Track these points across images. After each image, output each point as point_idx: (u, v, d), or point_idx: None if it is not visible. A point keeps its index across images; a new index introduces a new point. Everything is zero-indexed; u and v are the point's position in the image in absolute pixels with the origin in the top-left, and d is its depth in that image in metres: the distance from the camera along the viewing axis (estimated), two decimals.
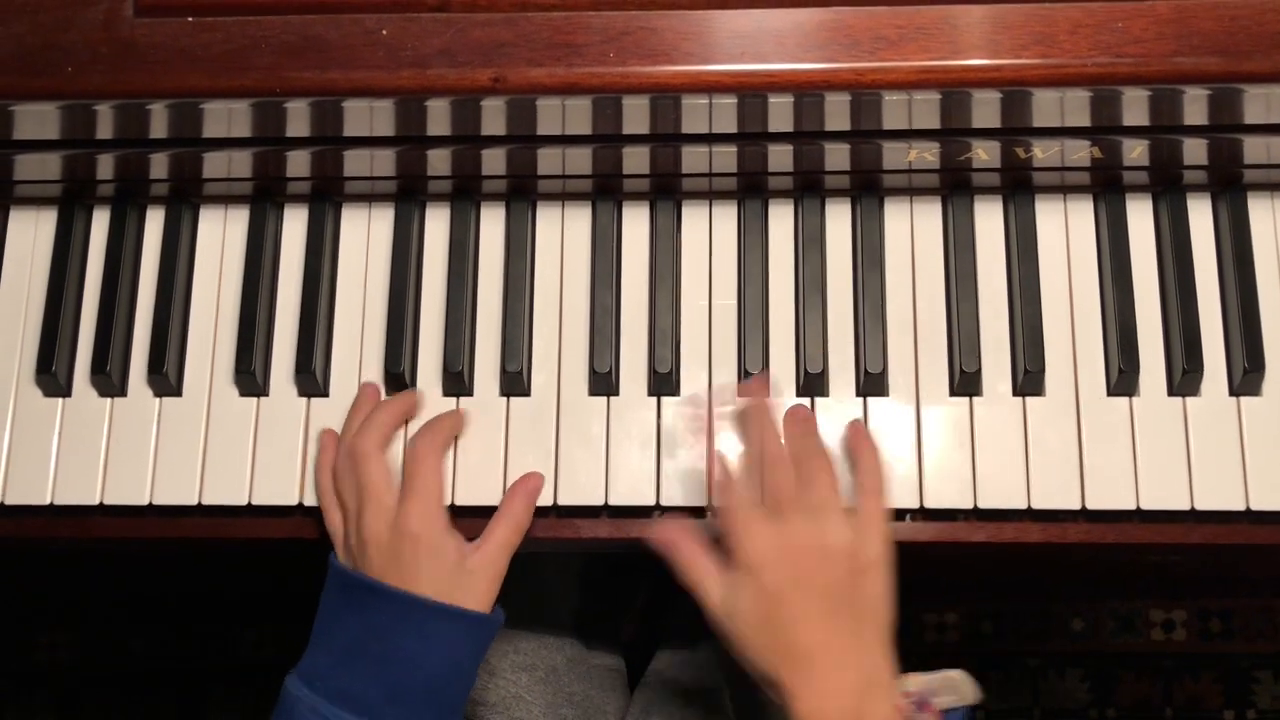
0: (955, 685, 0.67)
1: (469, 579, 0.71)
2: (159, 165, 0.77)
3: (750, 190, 0.79)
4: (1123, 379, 0.74)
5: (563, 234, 0.80)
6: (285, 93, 0.65)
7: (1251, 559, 1.37)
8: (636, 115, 0.70)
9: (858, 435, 0.74)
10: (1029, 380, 0.75)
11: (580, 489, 0.75)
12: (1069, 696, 1.48)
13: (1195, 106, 0.67)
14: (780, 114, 0.69)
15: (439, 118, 0.71)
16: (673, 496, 0.75)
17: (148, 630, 1.51)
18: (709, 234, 0.79)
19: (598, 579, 1.03)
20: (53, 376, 0.78)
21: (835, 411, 0.76)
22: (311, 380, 0.77)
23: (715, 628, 0.68)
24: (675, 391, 0.77)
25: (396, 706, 0.68)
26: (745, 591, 0.66)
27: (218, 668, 1.47)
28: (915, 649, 1.49)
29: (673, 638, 1.01)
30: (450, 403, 0.77)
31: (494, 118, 0.70)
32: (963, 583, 1.50)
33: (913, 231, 0.78)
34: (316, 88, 0.65)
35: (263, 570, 1.46)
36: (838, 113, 0.69)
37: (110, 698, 1.52)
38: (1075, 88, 0.64)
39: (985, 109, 0.68)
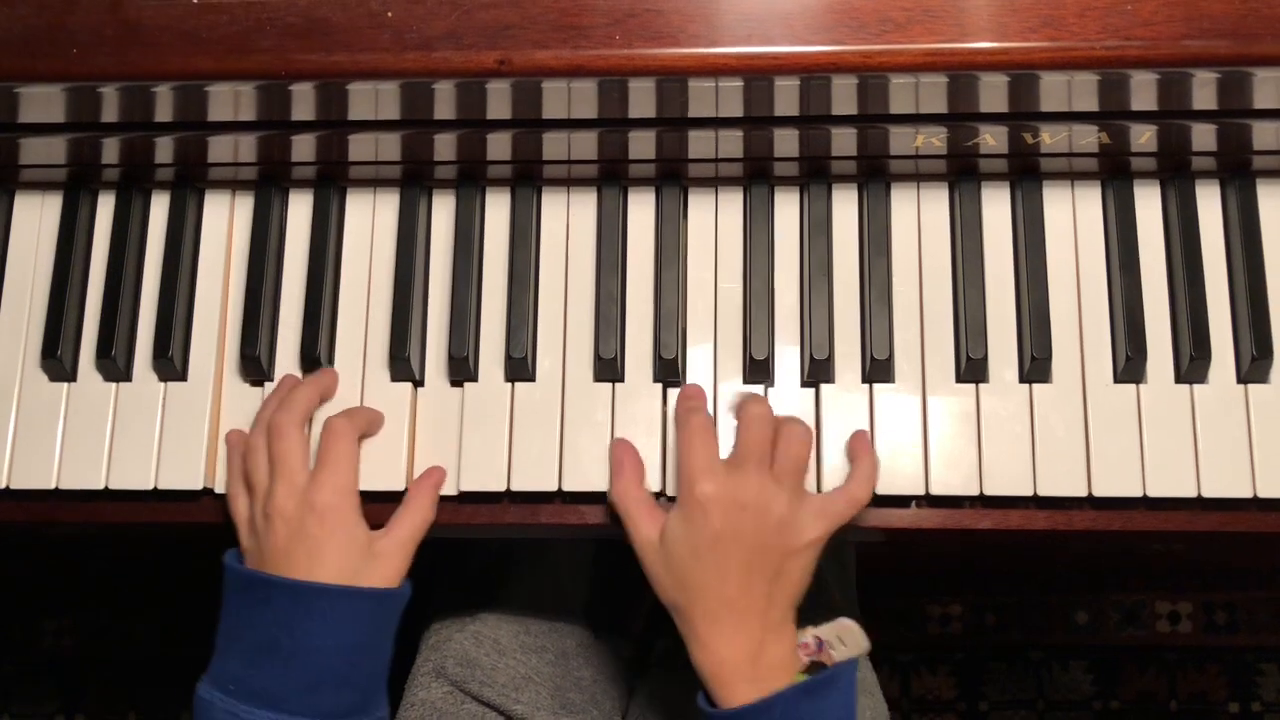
0: (850, 634, 0.70)
1: (374, 562, 0.71)
2: (164, 149, 0.77)
3: (756, 176, 0.78)
4: (1129, 366, 0.74)
5: (568, 220, 0.80)
6: (290, 75, 0.65)
7: (1257, 547, 1.37)
8: (642, 98, 0.69)
9: (863, 444, 0.74)
10: (1035, 367, 0.74)
11: (585, 475, 0.75)
12: (1073, 689, 1.48)
13: (1204, 91, 0.66)
14: (786, 97, 0.69)
15: (444, 101, 0.70)
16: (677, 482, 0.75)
17: (152, 619, 1.52)
18: (715, 220, 0.79)
19: (610, 567, 1.03)
20: (58, 361, 0.78)
21: (841, 398, 0.76)
22: (316, 365, 0.77)
23: (638, 555, 0.71)
24: (680, 378, 0.77)
25: (313, 695, 0.69)
26: (684, 527, 0.68)
27: None
28: (919, 641, 1.49)
29: (673, 630, 1.01)
30: (456, 389, 0.77)
31: (499, 101, 0.70)
32: (967, 575, 1.49)
33: (919, 217, 0.78)
34: (321, 70, 0.65)
35: None
36: (844, 96, 0.68)
37: (115, 686, 1.52)
38: (1083, 71, 0.64)
39: (993, 93, 0.68)
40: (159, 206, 0.81)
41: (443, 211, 0.80)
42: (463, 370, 0.77)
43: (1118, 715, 1.48)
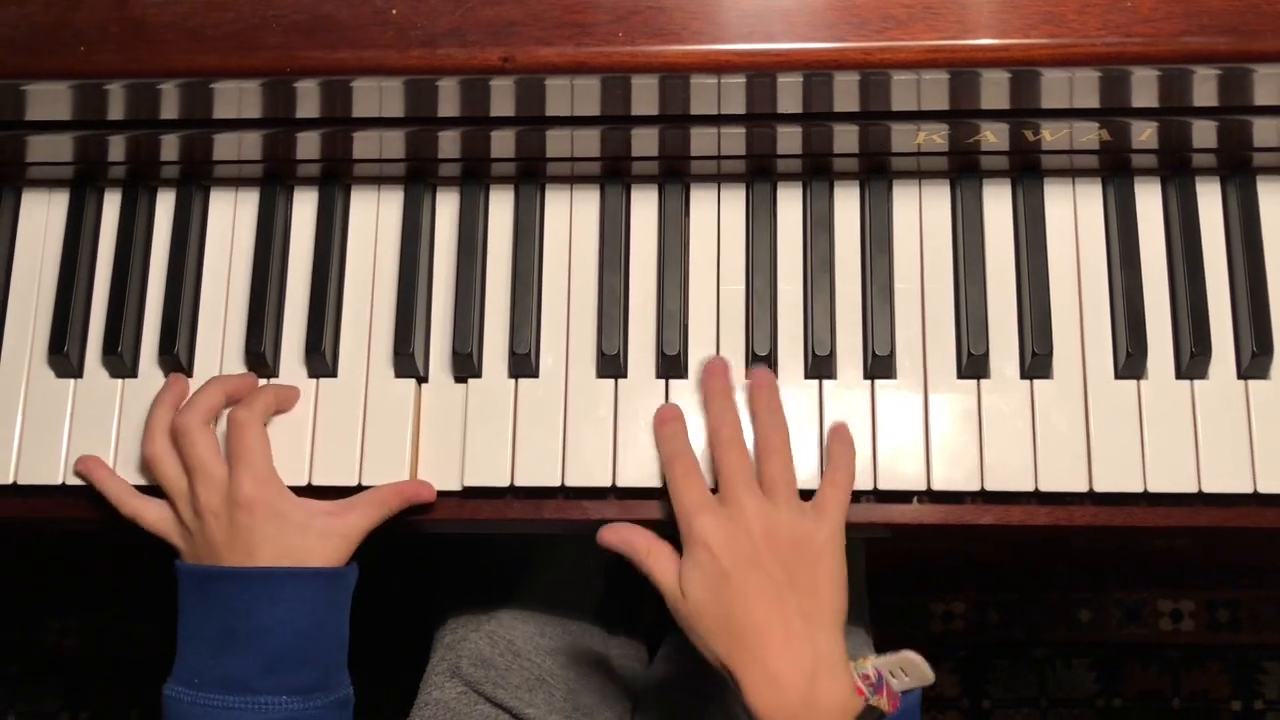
0: (912, 666, 0.67)
1: (315, 541, 0.71)
2: (169, 147, 0.78)
3: (759, 173, 0.79)
4: (1130, 362, 0.74)
5: (571, 217, 0.80)
6: (296, 72, 0.65)
7: (1259, 544, 1.37)
8: (645, 95, 0.70)
9: (837, 431, 0.74)
10: (1036, 363, 0.75)
11: (588, 470, 0.75)
12: (1076, 686, 1.48)
13: (1205, 87, 0.67)
14: (789, 94, 0.69)
15: (448, 98, 0.71)
16: None
17: (155, 619, 1.52)
18: (717, 217, 0.79)
19: (622, 568, 1.04)
20: (65, 358, 0.78)
21: (842, 394, 0.76)
22: (321, 361, 0.78)
23: (672, 612, 0.68)
24: (683, 374, 0.77)
25: (273, 675, 0.69)
26: (696, 572, 0.67)
27: None
28: (922, 638, 1.50)
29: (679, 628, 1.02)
30: (460, 385, 0.77)
31: (503, 98, 0.71)
32: (970, 572, 1.50)
33: (921, 214, 0.79)
34: (327, 67, 0.66)
35: None
36: (846, 93, 0.69)
37: (119, 686, 1.52)
38: (1084, 68, 0.64)
39: (994, 90, 0.68)
40: (164, 204, 0.82)
41: (447, 208, 0.81)
42: (466, 366, 0.77)
43: (1120, 713, 1.48)
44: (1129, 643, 1.49)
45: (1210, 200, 0.77)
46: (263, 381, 0.78)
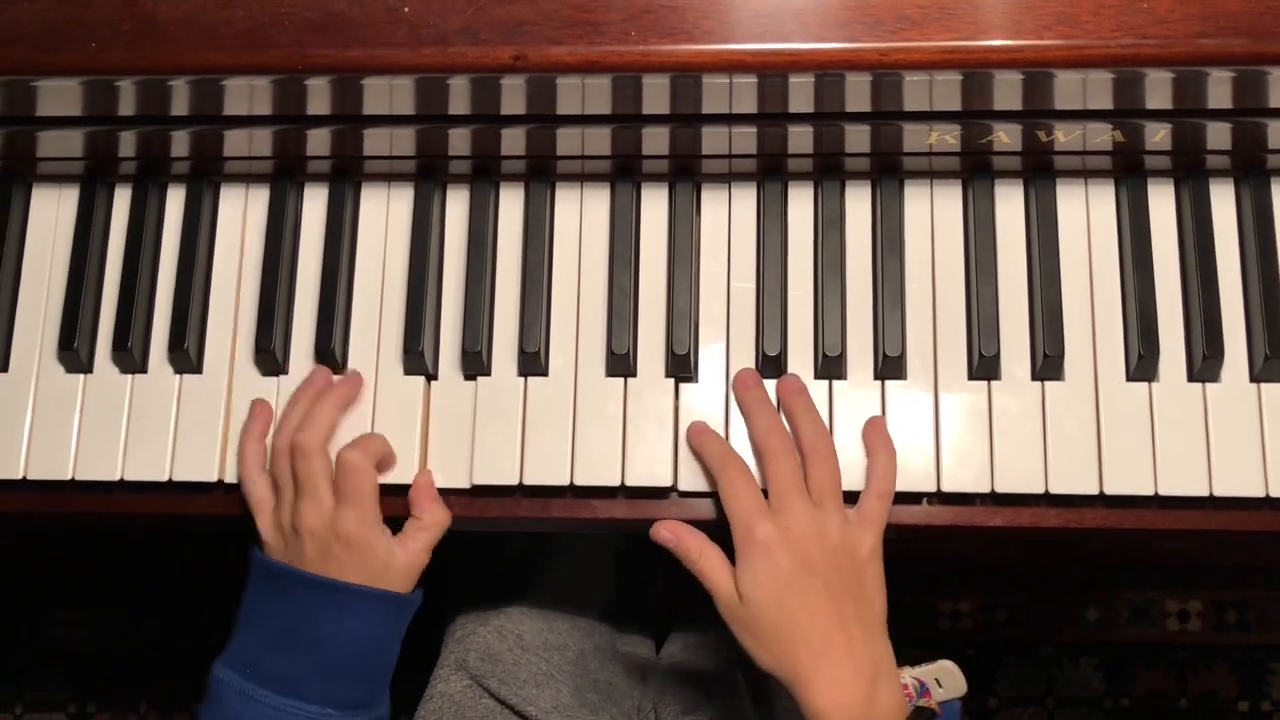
0: (948, 676, 0.70)
1: (393, 573, 0.73)
2: (180, 143, 0.78)
3: (770, 172, 0.78)
4: (1142, 364, 0.74)
5: (581, 215, 0.80)
6: (307, 70, 0.65)
7: (1269, 546, 1.36)
8: (656, 95, 0.70)
9: (878, 434, 0.74)
10: (1048, 365, 0.74)
11: (596, 470, 0.75)
12: (1083, 686, 1.48)
13: (1220, 89, 0.66)
14: (801, 94, 0.69)
15: (459, 96, 0.71)
16: (689, 479, 0.75)
17: (163, 612, 1.52)
18: (728, 216, 0.79)
19: (631, 566, 1.04)
20: (74, 353, 0.78)
21: (853, 395, 0.76)
22: (331, 359, 0.78)
23: (726, 616, 0.69)
24: (692, 373, 0.77)
25: (325, 684, 0.71)
26: (756, 577, 0.67)
27: None
28: (929, 637, 1.49)
29: (687, 621, 1.02)
30: (470, 383, 0.77)
31: (514, 96, 0.71)
32: (978, 571, 1.49)
33: (933, 215, 0.78)
34: (338, 65, 0.65)
35: None
36: (859, 93, 0.68)
37: (126, 678, 1.53)
38: (1098, 69, 0.64)
39: (1007, 90, 0.68)
40: (174, 200, 0.82)
41: (457, 206, 0.80)
42: (476, 364, 0.77)
43: (1127, 713, 1.48)
44: (1136, 643, 1.48)
45: (1224, 202, 0.77)
46: (273, 380, 0.78)
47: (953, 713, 0.69)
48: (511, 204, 0.80)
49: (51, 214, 0.82)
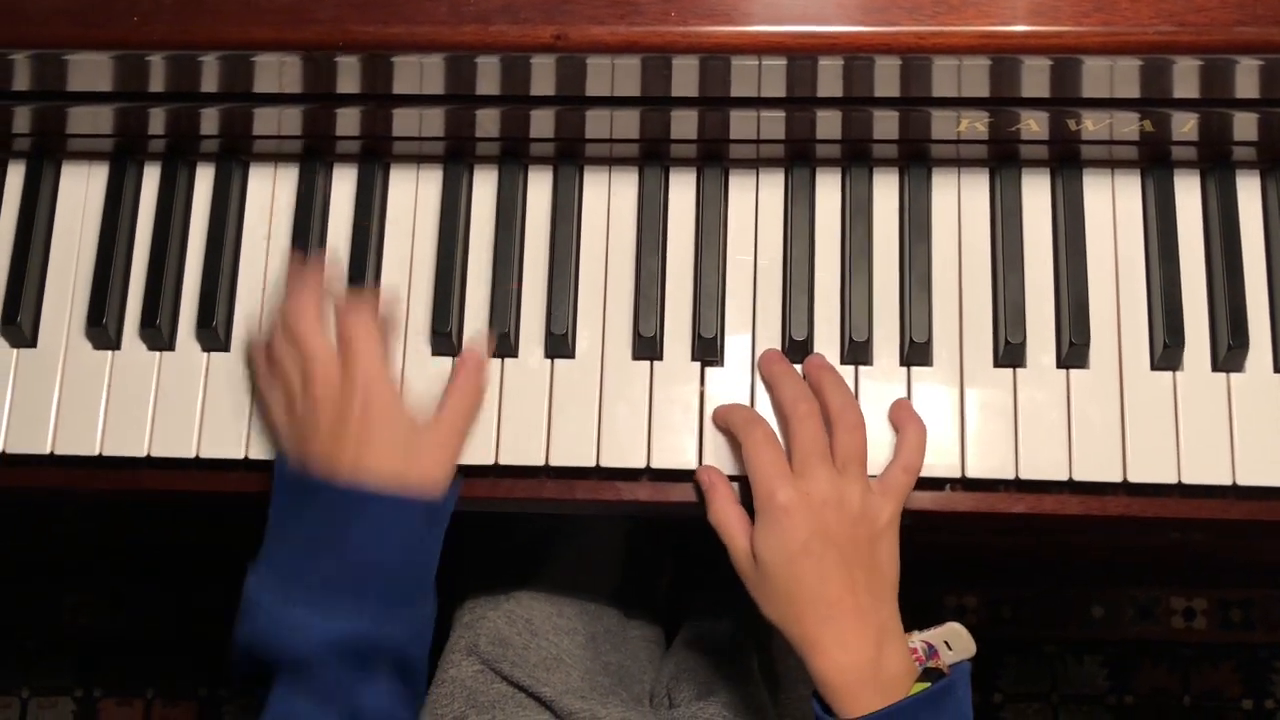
0: (957, 637, 0.70)
1: (423, 447, 0.71)
2: (210, 121, 0.78)
3: (798, 158, 0.79)
4: (1167, 353, 0.75)
5: (609, 199, 0.80)
6: (348, 46, 0.65)
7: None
8: (687, 77, 0.70)
9: (906, 411, 0.75)
10: (1073, 353, 0.75)
11: (622, 451, 0.76)
12: (1087, 683, 1.49)
13: (1250, 79, 0.67)
14: (831, 78, 0.69)
15: (491, 76, 0.71)
16: (714, 461, 0.75)
17: (170, 595, 1.52)
18: (755, 201, 0.80)
19: (641, 550, 1.04)
20: (103, 329, 0.78)
21: (878, 380, 0.76)
22: None
23: (739, 570, 0.71)
24: (719, 356, 0.77)
25: (357, 598, 0.68)
26: (773, 540, 0.68)
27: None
28: None
29: (700, 608, 1.02)
30: (495, 364, 0.77)
31: (545, 77, 0.71)
32: (983, 566, 1.50)
33: (960, 203, 0.79)
34: (378, 42, 0.66)
35: None
36: (891, 78, 0.69)
37: (132, 661, 1.53)
38: (1135, 56, 0.64)
39: (1039, 77, 0.68)
40: (204, 179, 0.82)
41: (485, 188, 0.81)
42: (503, 346, 0.77)
43: (1131, 710, 1.48)
44: (1141, 640, 1.49)
45: (1250, 194, 0.77)
46: None
47: (963, 673, 0.69)
48: (540, 186, 0.81)
49: (81, 191, 0.82)
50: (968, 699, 0.69)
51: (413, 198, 0.81)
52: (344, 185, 0.81)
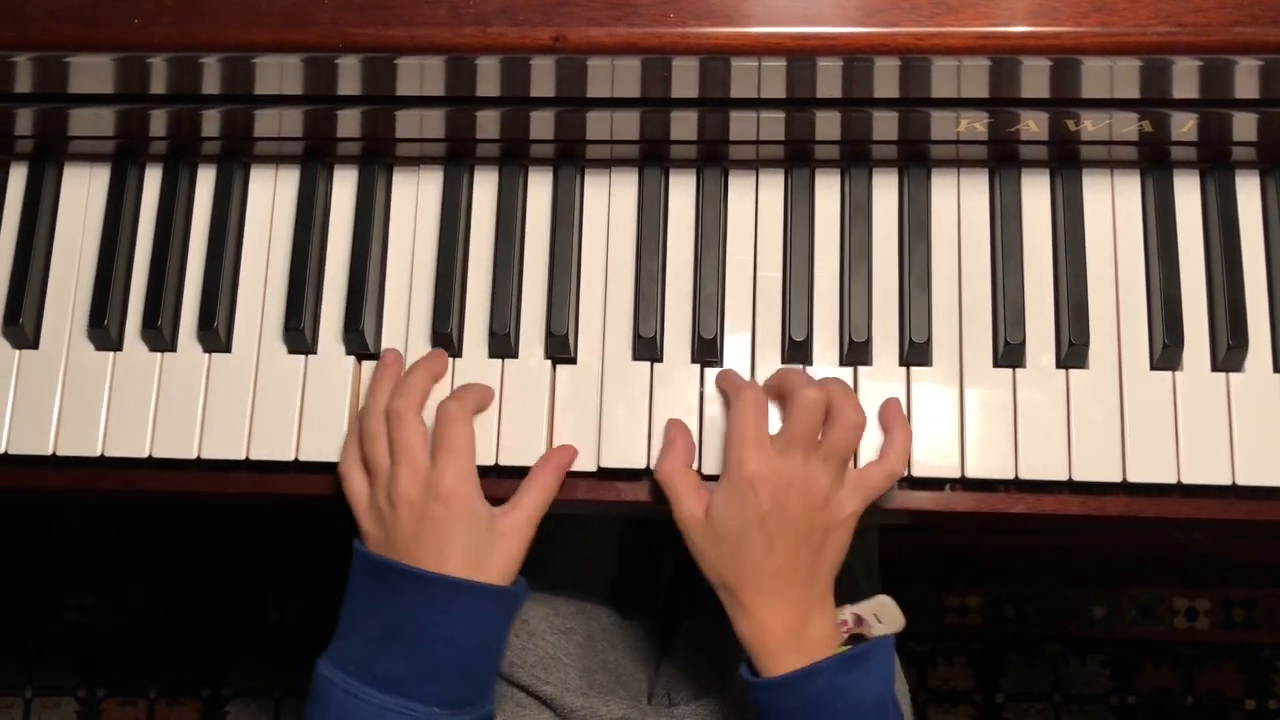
0: (886, 610, 0.73)
1: (498, 543, 0.72)
2: (211, 123, 0.78)
3: (798, 159, 0.79)
4: (1166, 353, 0.75)
5: (609, 200, 0.80)
6: (348, 49, 0.65)
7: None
8: (686, 78, 0.70)
9: (898, 416, 0.75)
10: (1073, 353, 0.75)
11: (622, 452, 0.76)
12: (1090, 682, 1.49)
13: (1249, 79, 0.67)
14: (832, 79, 0.69)
15: (491, 78, 0.71)
16: (714, 462, 0.75)
17: (173, 595, 1.53)
18: (755, 202, 0.80)
19: (636, 549, 1.04)
20: (104, 331, 0.78)
21: (878, 381, 0.76)
22: (359, 339, 0.78)
23: (683, 528, 0.72)
24: (719, 358, 0.77)
25: (430, 684, 0.69)
26: (731, 505, 0.70)
27: (241, 633, 1.49)
28: (936, 631, 1.50)
29: (700, 607, 1.02)
30: (495, 365, 0.78)
31: (545, 78, 0.71)
32: (985, 566, 1.50)
33: (959, 203, 0.79)
34: (378, 44, 0.66)
35: (287, 535, 1.47)
36: (891, 79, 0.69)
37: (135, 661, 1.53)
38: (1133, 57, 0.64)
39: (1039, 78, 0.68)
40: (205, 181, 0.82)
41: (486, 189, 0.81)
42: (503, 347, 0.78)
43: (1133, 710, 1.48)
44: (1143, 640, 1.49)
45: (1249, 194, 0.77)
46: (300, 359, 0.79)
47: (885, 644, 0.71)
48: (540, 188, 0.81)
49: (83, 193, 0.82)
50: (889, 670, 0.71)
51: (413, 199, 0.81)
52: (345, 187, 0.81)
